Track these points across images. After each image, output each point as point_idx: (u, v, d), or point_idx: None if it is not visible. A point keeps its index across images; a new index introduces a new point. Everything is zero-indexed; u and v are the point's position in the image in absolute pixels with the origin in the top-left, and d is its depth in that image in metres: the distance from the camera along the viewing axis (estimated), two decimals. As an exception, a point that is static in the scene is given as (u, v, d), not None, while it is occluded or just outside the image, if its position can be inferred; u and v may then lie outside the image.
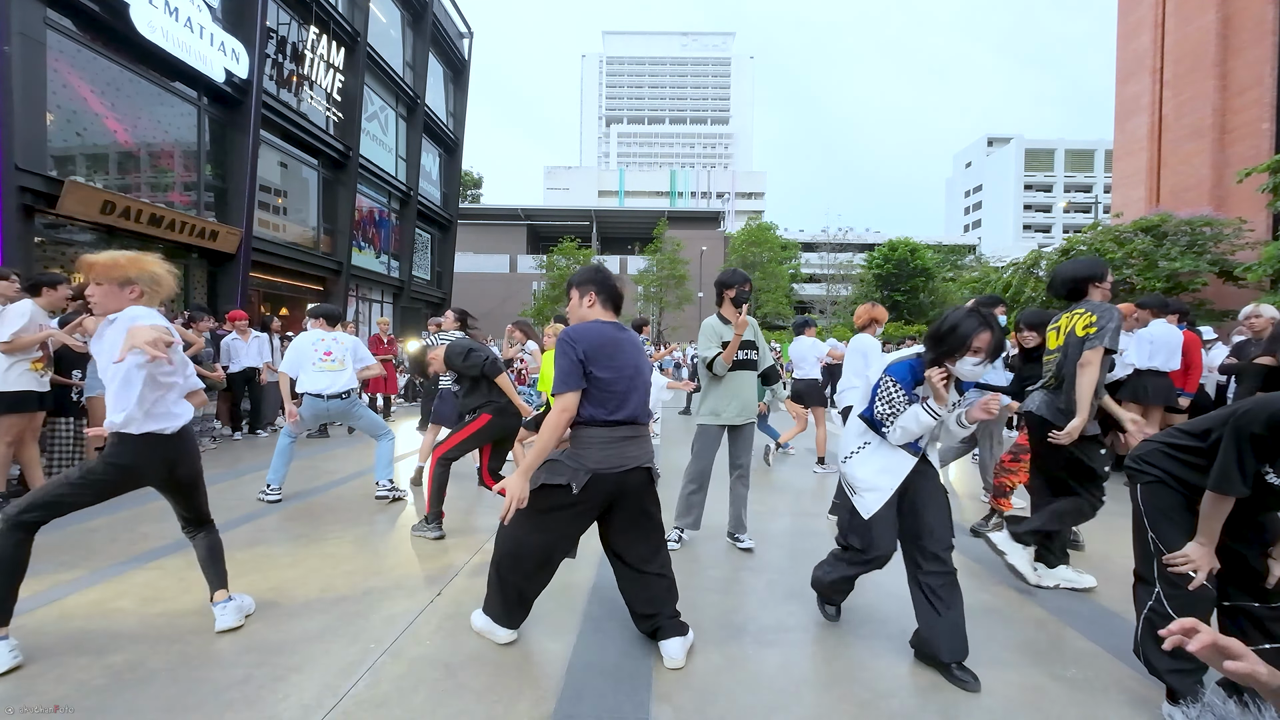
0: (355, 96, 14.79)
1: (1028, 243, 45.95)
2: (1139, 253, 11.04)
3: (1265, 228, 10.58)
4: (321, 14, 13.43)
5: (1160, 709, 1.93)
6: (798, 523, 4.08)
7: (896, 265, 38.20)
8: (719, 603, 2.77)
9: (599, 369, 2.13)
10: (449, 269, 22.49)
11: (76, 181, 7.95)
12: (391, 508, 4.30)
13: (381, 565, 3.15)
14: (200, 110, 10.49)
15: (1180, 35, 12.35)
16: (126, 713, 1.85)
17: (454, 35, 21.11)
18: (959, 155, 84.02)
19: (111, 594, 2.73)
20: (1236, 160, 11.01)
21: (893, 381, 2.21)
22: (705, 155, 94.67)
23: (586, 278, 2.35)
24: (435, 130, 20.32)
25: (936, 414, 2.14)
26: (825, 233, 46.34)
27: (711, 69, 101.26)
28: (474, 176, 52.31)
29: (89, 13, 8.25)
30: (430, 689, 2.01)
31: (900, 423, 2.19)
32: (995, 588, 2.99)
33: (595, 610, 2.65)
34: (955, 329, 2.11)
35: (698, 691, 2.04)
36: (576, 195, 66.19)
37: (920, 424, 2.15)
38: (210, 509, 2.51)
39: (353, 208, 15.15)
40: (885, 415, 2.22)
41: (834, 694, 2.04)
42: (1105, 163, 65.37)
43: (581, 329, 2.19)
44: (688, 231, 40.03)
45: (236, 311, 7.38)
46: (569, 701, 1.96)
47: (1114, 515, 4.42)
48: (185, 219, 9.63)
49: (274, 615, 2.53)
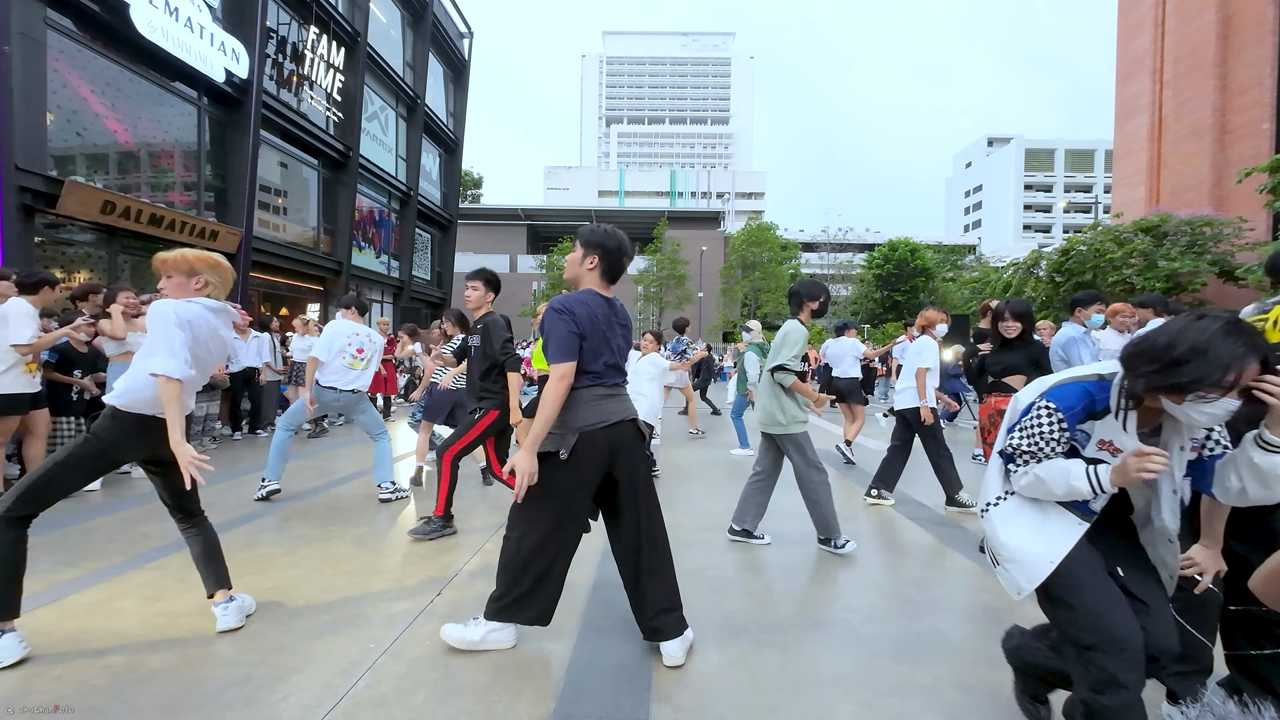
0: (355, 96, 14.80)
1: (1028, 243, 45.92)
2: (1139, 253, 11.05)
3: (1265, 227, 10.59)
4: (321, 14, 13.43)
5: (1160, 709, 1.93)
6: (798, 523, 4.07)
7: (896, 265, 38.17)
8: (719, 603, 2.77)
9: (586, 342, 2.15)
10: (449, 269, 22.51)
11: (76, 181, 7.95)
12: (392, 507, 4.30)
13: (381, 565, 3.15)
14: (200, 110, 10.50)
15: (1180, 35, 12.35)
16: (126, 713, 1.85)
17: (454, 35, 21.12)
18: (959, 155, 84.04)
19: (111, 594, 2.72)
20: (1236, 160, 11.02)
21: (1052, 411, 1.50)
22: (705, 155, 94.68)
23: (595, 240, 2.27)
24: (435, 130, 20.33)
25: (1101, 488, 1.43)
26: (825, 233, 46.34)
27: (711, 69, 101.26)
28: (474, 176, 52.30)
29: (89, 13, 8.25)
30: (430, 689, 2.01)
31: (1039, 470, 1.51)
32: (995, 588, 2.99)
33: (595, 610, 2.65)
34: (1205, 353, 1.29)
35: (698, 691, 2.04)
36: (576, 195, 66.24)
37: (1068, 486, 1.47)
38: (204, 506, 2.52)
39: (353, 208, 15.15)
40: (1022, 452, 1.55)
41: (834, 694, 2.04)
42: (1105, 163, 65.35)
43: (574, 300, 2.18)
44: (688, 231, 40.06)
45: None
46: (569, 701, 1.96)
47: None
48: (185, 219, 9.63)
49: (274, 615, 2.53)
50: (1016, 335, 3.67)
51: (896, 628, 2.53)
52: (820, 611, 2.68)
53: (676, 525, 3.97)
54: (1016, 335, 3.67)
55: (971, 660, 2.26)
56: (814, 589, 2.94)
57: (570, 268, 2.34)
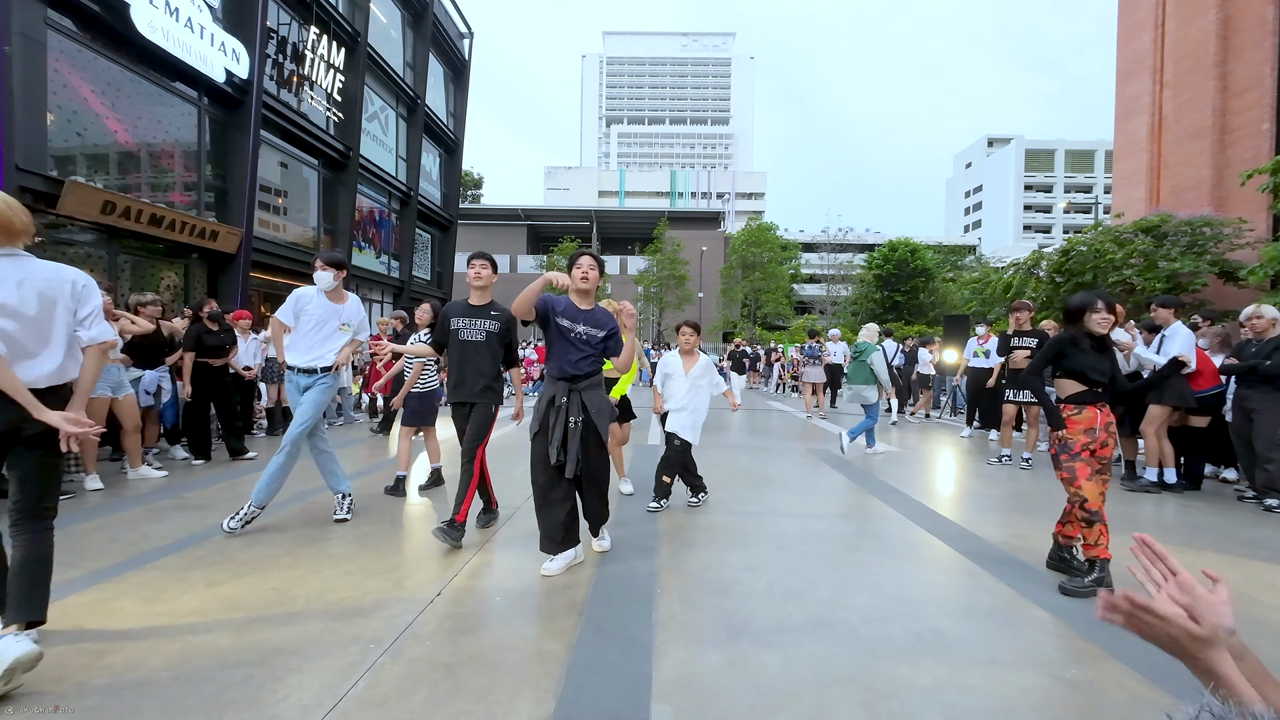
0: (355, 97, 14.80)
1: (1028, 243, 45.95)
2: (1139, 253, 11.05)
3: (1265, 228, 10.58)
4: (322, 14, 13.44)
5: (1160, 709, 1.93)
6: (799, 523, 4.08)
7: (897, 266, 38.21)
8: (719, 603, 2.76)
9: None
10: (449, 269, 22.50)
11: (77, 182, 7.95)
12: (392, 507, 4.30)
13: (381, 565, 3.15)
14: (200, 110, 10.50)
15: (1180, 36, 12.35)
16: (126, 713, 1.85)
17: (454, 35, 21.12)
18: (959, 156, 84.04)
19: (111, 594, 2.72)
20: (1237, 161, 11.01)
21: None
22: (705, 155, 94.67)
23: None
24: (435, 130, 20.33)
25: None
26: (825, 233, 46.39)
27: (712, 69, 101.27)
28: (474, 177, 52.33)
29: (89, 13, 8.25)
30: (430, 689, 2.01)
31: None
32: (995, 588, 2.99)
33: (595, 610, 2.65)
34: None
35: (698, 691, 2.04)
36: (577, 195, 66.25)
37: None
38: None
39: (353, 208, 15.15)
40: None
41: (834, 694, 2.04)
42: (1105, 163, 65.37)
43: None
44: (688, 232, 40.07)
45: (241, 311, 7.38)
46: (569, 701, 1.96)
47: (1114, 517, 4.42)
48: (185, 219, 9.62)
49: (274, 615, 2.53)
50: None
51: (896, 628, 2.53)
52: (820, 611, 2.68)
53: (684, 526, 3.97)
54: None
55: (971, 660, 2.26)
56: (814, 589, 2.94)
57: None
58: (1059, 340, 3.14)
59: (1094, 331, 3.07)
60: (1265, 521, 4.33)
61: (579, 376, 3.14)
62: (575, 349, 3.12)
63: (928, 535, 3.86)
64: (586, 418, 3.10)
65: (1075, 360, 3.05)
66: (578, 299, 3.19)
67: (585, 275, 3.13)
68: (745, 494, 4.84)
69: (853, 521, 4.15)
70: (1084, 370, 3.03)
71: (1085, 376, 3.04)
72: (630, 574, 3.08)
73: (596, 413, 3.13)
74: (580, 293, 3.18)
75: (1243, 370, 4.87)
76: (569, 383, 3.13)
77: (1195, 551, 3.63)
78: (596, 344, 3.17)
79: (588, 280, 3.14)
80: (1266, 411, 4.69)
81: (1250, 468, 4.92)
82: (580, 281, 3.13)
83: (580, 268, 3.15)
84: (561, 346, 3.14)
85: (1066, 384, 3.11)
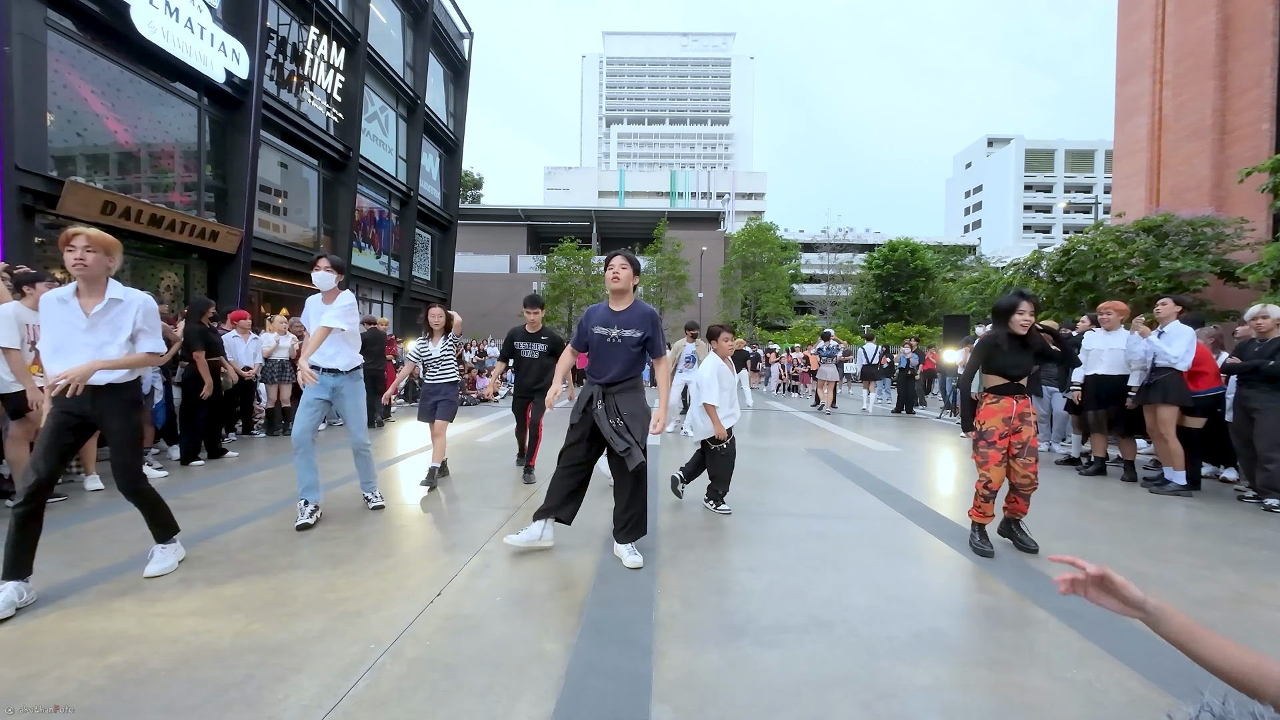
0: (355, 97, 14.81)
1: (1028, 243, 45.95)
2: (1141, 253, 11.05)
3: (1266, 228, 10.59)
4: (322, 14, 13.44)
5: (1160, 709, 1.93)
6: (799, 523, 4.07)
7: (897, 266, 38.22)
8: (719, 603, 2.76)
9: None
10: (449, 269, 22.51)
11: (77, 182, 7.96)
12: (392, 509, 4.30)
13: (382, 565, 3.15)
14: (200, 110, 10.50)
15: (1180, 36, 12.35)
16: (126, 713, 1.85)
17: (454, 36, 21.13)
18: (959, 156, 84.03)
19: (111, 594, 2.72)
20: (1237, 161, 11.02)
21: None
22: (705, 156, 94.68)
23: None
24: (435, 130, 20.34)
25: None
26: (825, 233, 46.41)
27: (712, 69, 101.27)
28: (474, 177, 52.35)
29: (89, 13, 8.26)
30: (430, 689, 2.01)
31: None
32: (995, 587, 2.99)
33: (595, 610, 2.65)
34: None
35: (698, 691, 2.04)
36: (577, 195, 66.25)
37: None
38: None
39: (353, 208, 15.16)
40: None
41: (834, 694, 2.04)
42: (1105, 163, 65.39)
43: None
44: (688, 232, 40.04)
45: (240, 311, 7.38)
46: (569, 701, 1.95)
47: (1114, 517, 4.43)
48: (185, 219, 9.63)
49: (274, 615, 2.53)
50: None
51: (896, 628, 2.52)
52: (820, 611, 2.68)
53: (684, 526, 3.97)
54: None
55: (971, 660, 2.26)
56: (814, 589, 2.94)
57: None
58: (984, 344, 3.54)
59: (1015, 332, 3.43)
60: (1265, 521, 4.33)
61: (614, 381, 3.19)
62: (612, 352, 3.20)
63: (928, 535, 3.85)
64: (621, 422, 3.16)
65: (997, 360, 3.47)
66: (613, 300, 3.25)
67: (616, 275, 3.17)
68: (745, 494, 4.84)
69: (852, 521, 4.15)
70: (1005, 368, 3.46)
71: (1006, 372, 3.46)
72: (630, 574, 3.08)
73: (630, 416, 3.17)
74: (615, 293, 3.23)
75: (1245, 370, 4.86)
76: (604, 387, 3.21)
77: (1195, 552, 3.63)
78: (634, 346, 3.20)
79: (618, 280, 3.17)
80: (1269, 411, 4.69)
81: (1250, 468, 4.92)
82: (611, 281, 3.19)
83: (611, 268, 3.20)
84: (599, 351, 3.23)
85: (990, 378, 3.53)
